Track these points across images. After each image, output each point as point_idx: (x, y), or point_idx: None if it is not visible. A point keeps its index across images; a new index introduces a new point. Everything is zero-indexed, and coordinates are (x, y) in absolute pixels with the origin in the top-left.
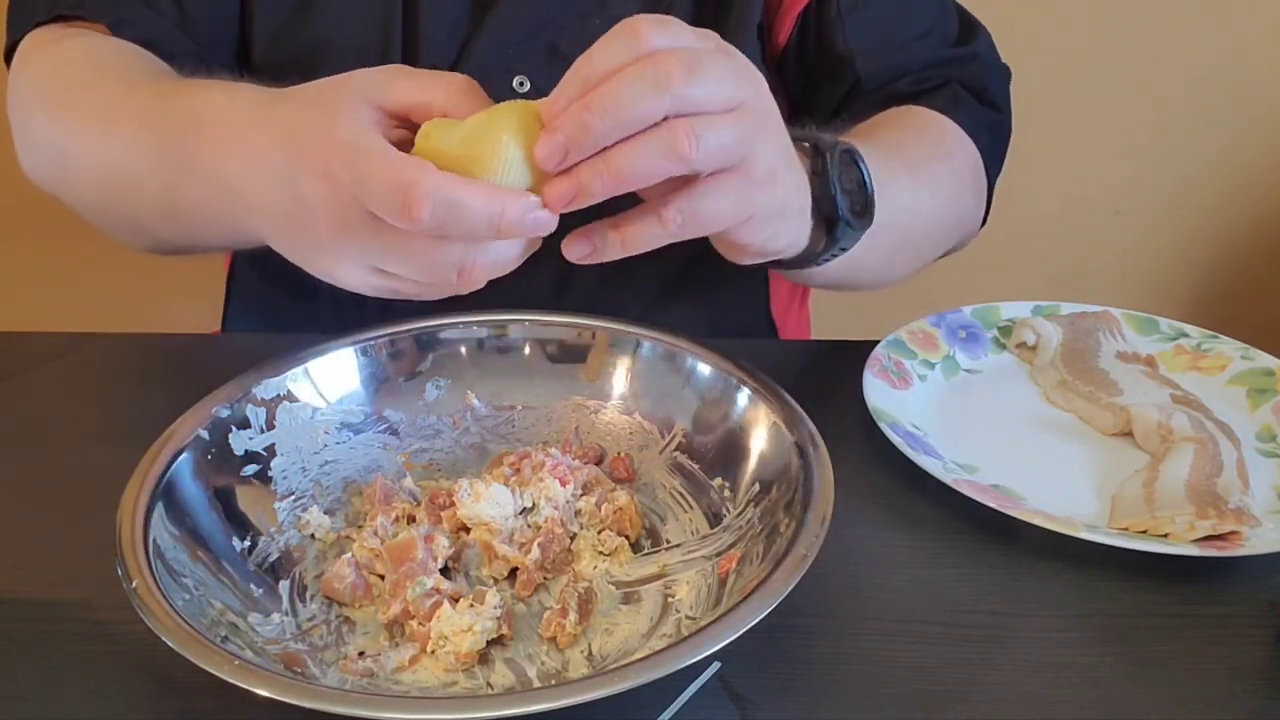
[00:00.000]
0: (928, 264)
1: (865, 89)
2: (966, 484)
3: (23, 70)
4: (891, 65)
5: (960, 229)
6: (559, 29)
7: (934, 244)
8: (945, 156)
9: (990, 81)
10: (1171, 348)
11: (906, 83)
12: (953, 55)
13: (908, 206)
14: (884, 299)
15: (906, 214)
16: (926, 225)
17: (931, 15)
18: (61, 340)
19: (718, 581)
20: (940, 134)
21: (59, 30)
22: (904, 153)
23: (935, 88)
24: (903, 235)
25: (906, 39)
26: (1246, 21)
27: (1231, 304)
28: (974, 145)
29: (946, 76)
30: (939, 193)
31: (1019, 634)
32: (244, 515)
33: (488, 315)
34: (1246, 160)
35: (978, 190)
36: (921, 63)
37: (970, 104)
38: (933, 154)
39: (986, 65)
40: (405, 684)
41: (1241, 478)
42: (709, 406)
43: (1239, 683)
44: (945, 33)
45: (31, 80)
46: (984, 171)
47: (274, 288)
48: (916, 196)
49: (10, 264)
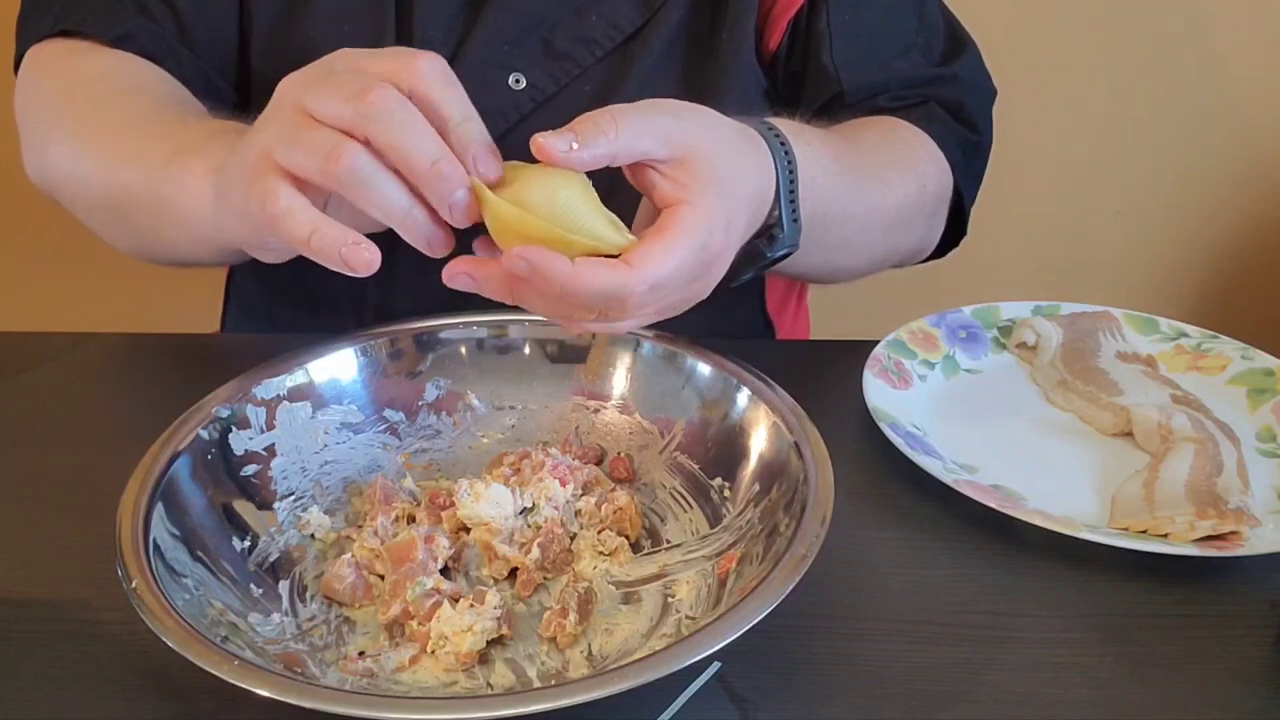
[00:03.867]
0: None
1: (847, 102)
2: (966, 484)
3: (35, 83)
4: (873, 81)
5: (910, 233)
6: (554, 26)
7: (873, 243)
8: (901, 161)
9: (969, 100)
10: (1171, 348)
11: (886, 99)
12: (934, 74)
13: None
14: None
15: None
16: (863, 222)
17: (916, 33)
18: (61, 340)
19: (718, 581)
20: (905, 140)
21: (65, 44)
22: (855, 149)
23: (913, 105)
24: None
25: (890, 56)
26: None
27: (1231, 304)
28: (944, 158)
29: (925, 95)
30: (885, 192)
31: (1019, 634)
32: (244, 515)
33: (488, 315)
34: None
35: (939, 200)
36: (902, 80)
37: (944, 120)
38: (888, 156)
39: (967, 85)
40: (405, 684)
41: (1241, 478)
42: (709, 406)
43: (1239, 683)
44: (929, 51)
45: (43, 93)
46: (953, 186)
47: (272, 293)
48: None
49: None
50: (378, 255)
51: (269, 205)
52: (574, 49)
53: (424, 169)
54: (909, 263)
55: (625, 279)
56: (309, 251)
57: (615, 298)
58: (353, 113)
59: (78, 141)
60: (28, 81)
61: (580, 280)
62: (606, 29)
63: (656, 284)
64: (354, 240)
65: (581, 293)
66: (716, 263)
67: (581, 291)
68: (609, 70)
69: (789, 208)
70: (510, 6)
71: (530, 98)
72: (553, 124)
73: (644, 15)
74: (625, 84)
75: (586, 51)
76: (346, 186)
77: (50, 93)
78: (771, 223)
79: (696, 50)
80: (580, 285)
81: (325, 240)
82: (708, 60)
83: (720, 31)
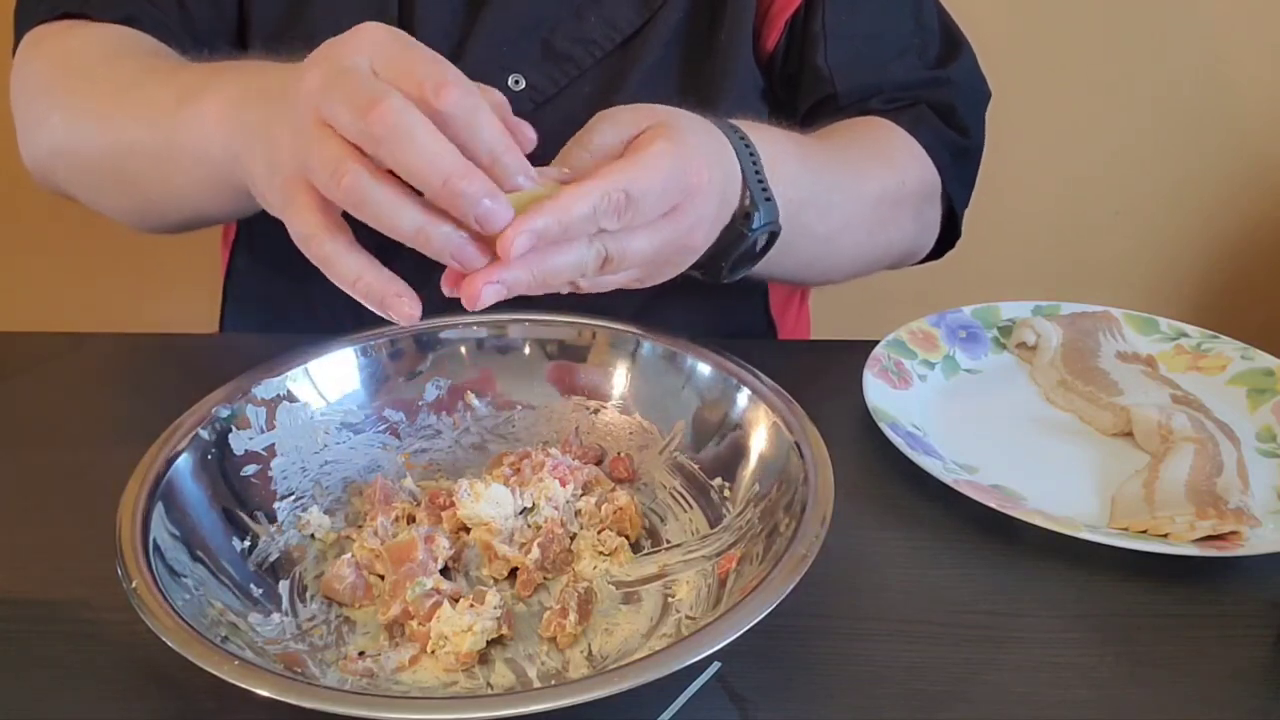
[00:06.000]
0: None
1: (840, 104)
2: (966, 484)
3: (28, 63)
4: (866, 83)
5: (896, 230)
6: (553, 27)
7: (858, 239)
8: (876, 154)
9: (960, 104)
10: (1171, 348)
11: (878, 101)
12: (927, 77)
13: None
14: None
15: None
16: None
17: (910, 36)
18: (61, 340)
19: (718, 581)
20: (880, 136)
21: (62, 25)
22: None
23: (904, 107)
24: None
25: (883, 58)
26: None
27: (1231, 304)
28: (929, 158)
29: (916, 98)
30: (859, 181)
31: (1018, 634)
32: (244, 515)
33: (488, 315)
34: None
35: (924, 199)
36: (894, 83)
37: (934, 124)
38: (861, 150)
39: (960, 88)
40: (405, 684)
41: (1241, 478)
42: (709, 406)
43: (1239, 682)
44: (923, 54)
45: (36, 71)
46: (940, 189)
47: (271, 287)
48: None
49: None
50: (419, 307)
51: (308, 244)
52: (573, 50)
53: (437, 188)
54: (903, 264)
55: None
56: (353, 294)
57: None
58: (358, 130)
59: (74, 109)
60: (21, 63)
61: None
62: (606, 30)
63: (633, 192)
64: (396, 293)
65: (575, 214)
66: (698, 196)
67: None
68: (608, 71)
69: (759, 187)
70: (509, 7)
71: (529, 98)
72: (552, 125)
73: (643, 16)
74: (624, 85)
75: (585, 52)
76: (353, 207)
77: (42, 69)
78: (746, 204)
79: (695, 51)
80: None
81: (371, 289)
82: (706, 61)
83: (719, 32)
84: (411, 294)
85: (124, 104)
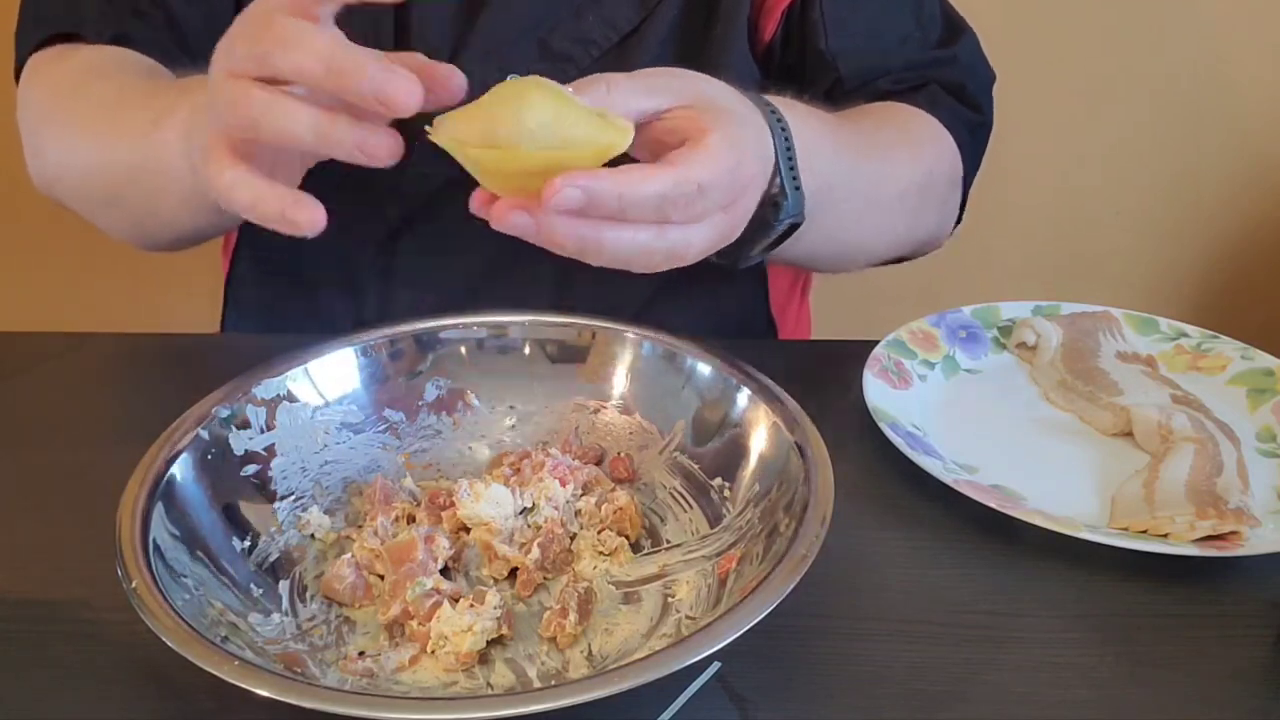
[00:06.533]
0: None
1: (845, 88)
2: (966, 484)
3: (30, 89)
4: (871, 65)
5: (923, 217)
6: (552, 27)
7: (882, 223)
8: (905, 142)
9: (970, 82)
10: (1171, 348)
11: (886, 82)
12: (933, 57)
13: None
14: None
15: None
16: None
17: (913, 17)
18: (61, 340)
19: (718, 581)
20: (913, 123)
21: (59, 50)
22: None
23: (914, 88)
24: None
25: (887, 40)
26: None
27: (1231, 304)
28: (952, 140)
29: (925, 77)
30: (889, 169)
31: (1018, 634)
32: (244, 515)
33: (488, 315)
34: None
35: (949, 184)
36: (901, 63)
37: (949, 103)
38: (890, 137)
39: (967, 67)
40: (405, 684)
41: (1241, 478)
42: (709, 407)
43: (1239, 682)
44: (927, 35)
45: (36, 100)
46: (962, 173)
47: (272, 293)
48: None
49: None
50: (321, 211)
51: (215, 182)
52: (572, 49)
53: (320, 74)
54: (921, 253)
55: (677, 172)
56: (256, 219)
57: (669, 199)
58: (253, 56)
59: (69, 134)
60: (24, 91)
61: (633, 183)
62: (604, 29)
63: (705, 184)
64: (294, 200)
65: (642, 193)
66: (748, 192)
67: (642, 191)
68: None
69: (789, 175)
70: (508, 8)
71: None
72: None
73: (641, 14)
74: None
75: (584, 52)
76: (257, 129)
77: (41, 96)
78: (775, 191)
79: (691, 47)
80: (641, 184)
81: (268, 206)
82: (702, 56)
83: (714, 27)
84: (312, 200)
85: (108, 129)
